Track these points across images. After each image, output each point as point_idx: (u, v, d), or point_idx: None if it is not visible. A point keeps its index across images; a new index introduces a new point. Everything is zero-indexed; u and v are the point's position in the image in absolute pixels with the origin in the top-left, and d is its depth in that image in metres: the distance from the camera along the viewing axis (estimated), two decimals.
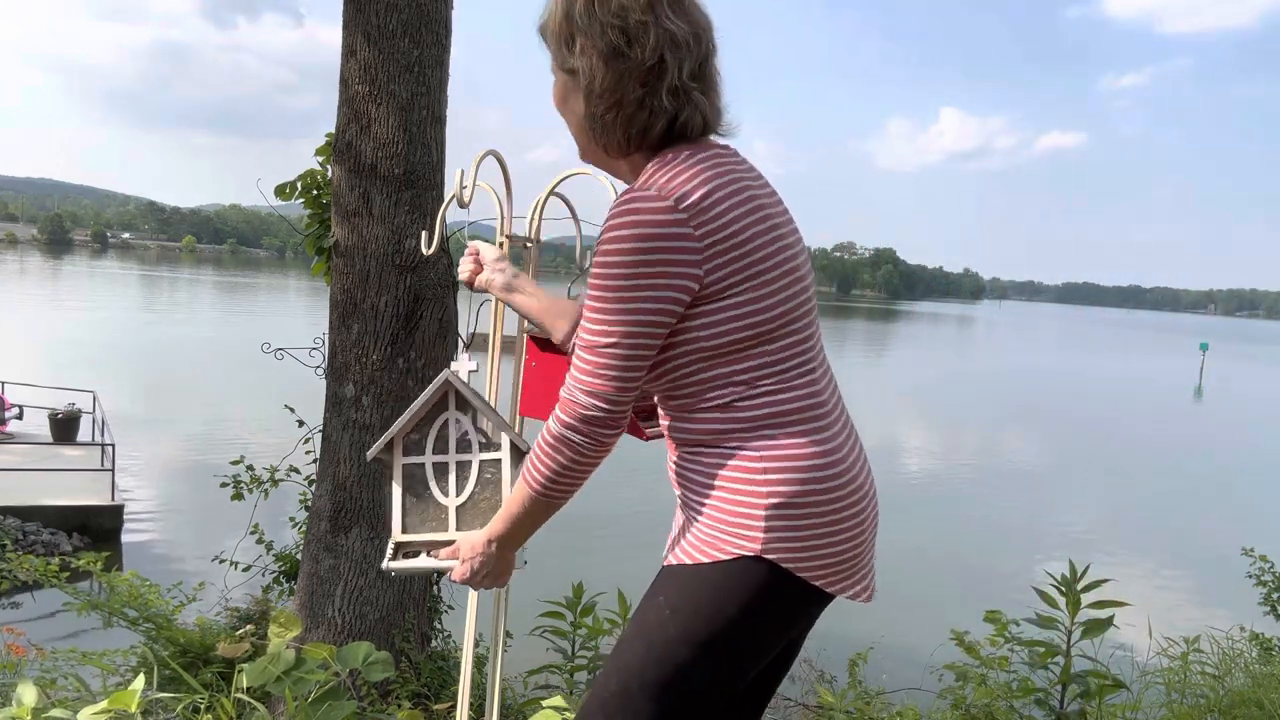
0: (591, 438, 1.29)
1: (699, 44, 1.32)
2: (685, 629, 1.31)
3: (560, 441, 1.30)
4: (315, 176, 3.62)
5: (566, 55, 1.34)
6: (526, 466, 1.35)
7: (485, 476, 1.46)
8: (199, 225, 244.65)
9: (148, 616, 3.36)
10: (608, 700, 1.36)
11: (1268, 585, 5.22)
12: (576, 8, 1.31)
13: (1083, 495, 15.83)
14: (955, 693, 3.39)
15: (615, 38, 1.29)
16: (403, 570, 1.43)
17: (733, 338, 1.29)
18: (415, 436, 1.47)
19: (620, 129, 1.33)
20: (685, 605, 1.32)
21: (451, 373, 1.43)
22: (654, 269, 1.24)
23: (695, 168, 1.28)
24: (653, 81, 1.30)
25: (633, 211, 1.24)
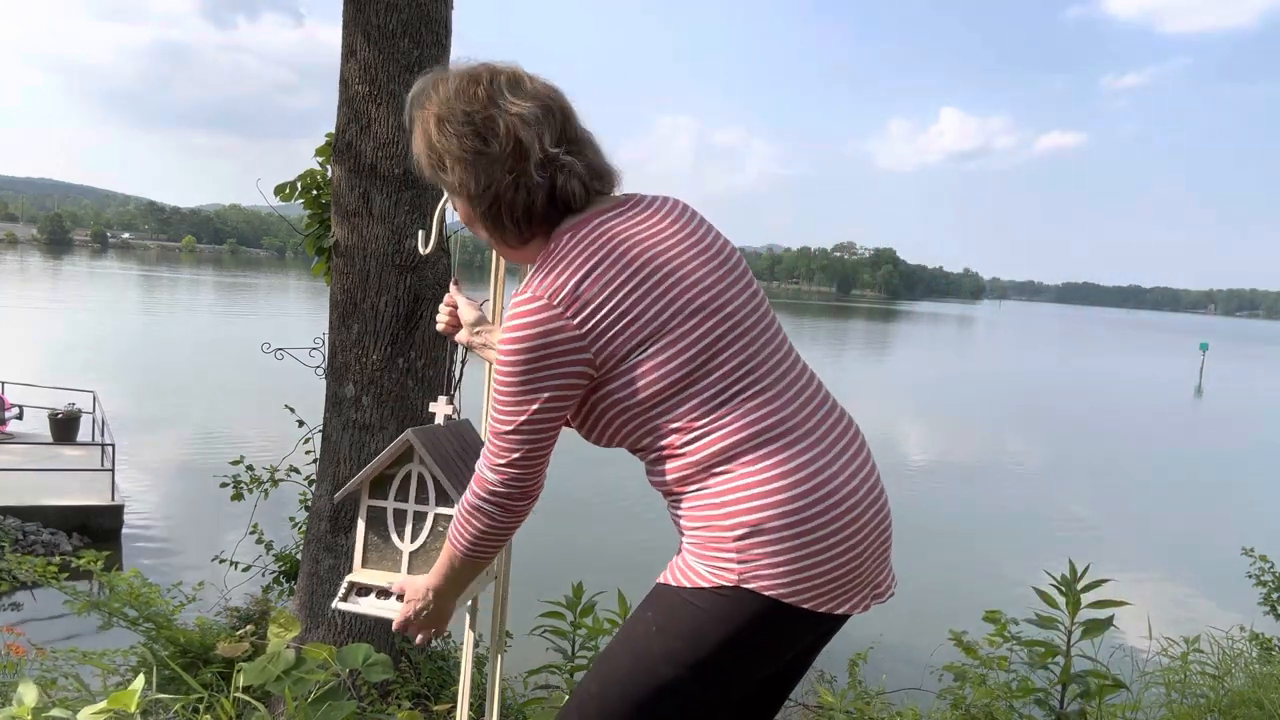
0: (503, 508, 1.40)
1: (550, 114, 1.37)
2: (669, 649, 1.34)
3: (476, 512, 1.41)
4: (315, 176, 3.62)
5: (444, 177, 1.41)
6: (451, 530, 1.45)
7: (439, 529, 1.53)
8: (199, 225, 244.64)
9: (148, 616, 3.36)
10: (586, 702, 1.41)
11: (1268, 585, 5.22)
12: (430, 134, 1.38)
13: (1083, 495, 15.83)
14: (955, 693, 3.39)
15: (472, 142, 1.35)
16: (349, 611, 1.53)
17: (651, 392, 1.33)
18: (389, 473, 1.54)
19: (507, 217, 1.39)
20: (670, 626, 1.35)
21: (414, 430, 1.48)
22: (541, 366, 1.32)
23: (570, 253, 1.34)
24: (519, 164, 1.35)
25: (515, 318, 1.33)
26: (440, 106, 1.37)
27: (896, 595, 1.45)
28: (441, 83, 1.39)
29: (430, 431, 1.52)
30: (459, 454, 1.56)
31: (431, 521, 1.52)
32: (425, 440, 1.48)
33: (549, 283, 1.33)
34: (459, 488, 1.47)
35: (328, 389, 3.20)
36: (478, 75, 1.38)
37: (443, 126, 1.37)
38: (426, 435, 1.50)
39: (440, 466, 1.46)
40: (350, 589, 1.53)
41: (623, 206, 1.42)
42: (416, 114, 1.41)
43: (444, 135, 1.37)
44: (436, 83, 1.40)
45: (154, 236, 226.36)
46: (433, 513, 1.52)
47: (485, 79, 1.37)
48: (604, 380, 1.34)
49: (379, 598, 1.52)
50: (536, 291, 1.33)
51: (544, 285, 1.33)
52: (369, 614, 1.52)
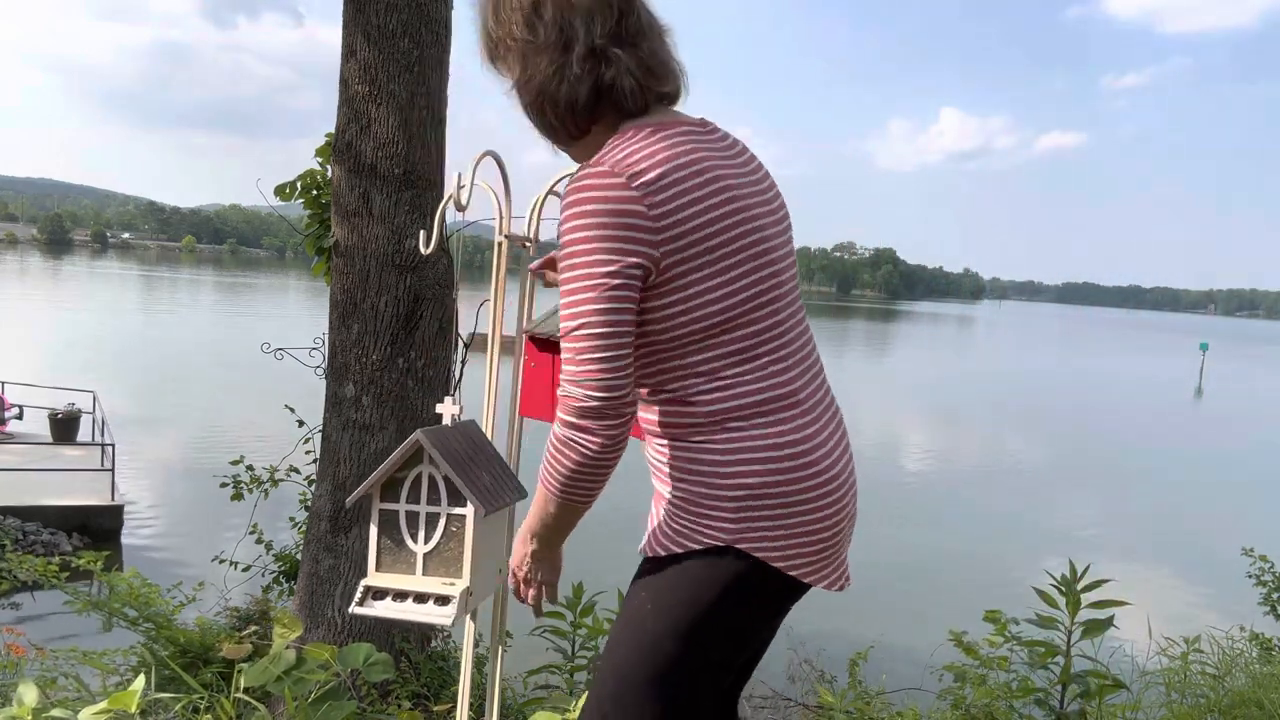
0: (593, 432, 1.23)
1: (605, 3, 1.29)
2: (667, 621, 1.31)
3: (568, 442, 1.26)
4: (315, 176, 3.62)
5: (500, 69, 1.37)
6: (541, 472, 1.32)
7: (451, 529, 1.52)
8: (199, 225, 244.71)
9: (147, 616, 3.36)
10: (604, 700, 1.36)
11: (1268, 585, 5.22)
12: (488, 23, 1.35)
13: (1083, 495, 15.83)
14: (955, 693, 3.39)
15: (521, 31, 1.30)
16: (366, 616, 1.51)
17: (691, 328, 1.26)
18: (399, 475, 1.53)
19: (551, 110, 1.32)
20: (664, 597, 1.32)
21: (423, 431, 1.47)
22: (611, 243, 1.20)
23: (653, 145, 1.25)
24: (562, 54, 1.29)
25: (586, 188, 1.22)
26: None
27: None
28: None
29: (439, 432, 1.52)
30: (469, 454, 1.56)
31: (444, 523, 1.52)
32: (435, 441, 1.48)
33: (629, 163, 1.22)
34: (472, 487, 1.47)
35: (328, 389, 3.20)
36: None
37: (498, 12, 1.34)
38: (436, 436, 1.50)
39: (452, 466, 1.46)
40: (366, 593, 1.53)
41: (696, 125, 1.34)
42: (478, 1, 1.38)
43: (497, 24, 1.34)
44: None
45: (154, 236, 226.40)
46: (445, 514, 1.51)
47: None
48: (651, 294, 1.25)
49: (395, 600, 1.51)
50: (615, 166, 1.22)
51: (620, 163, 1.23)
52: (387, 617, 1.52)
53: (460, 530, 1.50)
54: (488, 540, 1.57)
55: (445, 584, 1.50)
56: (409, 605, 1.50)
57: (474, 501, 1.46)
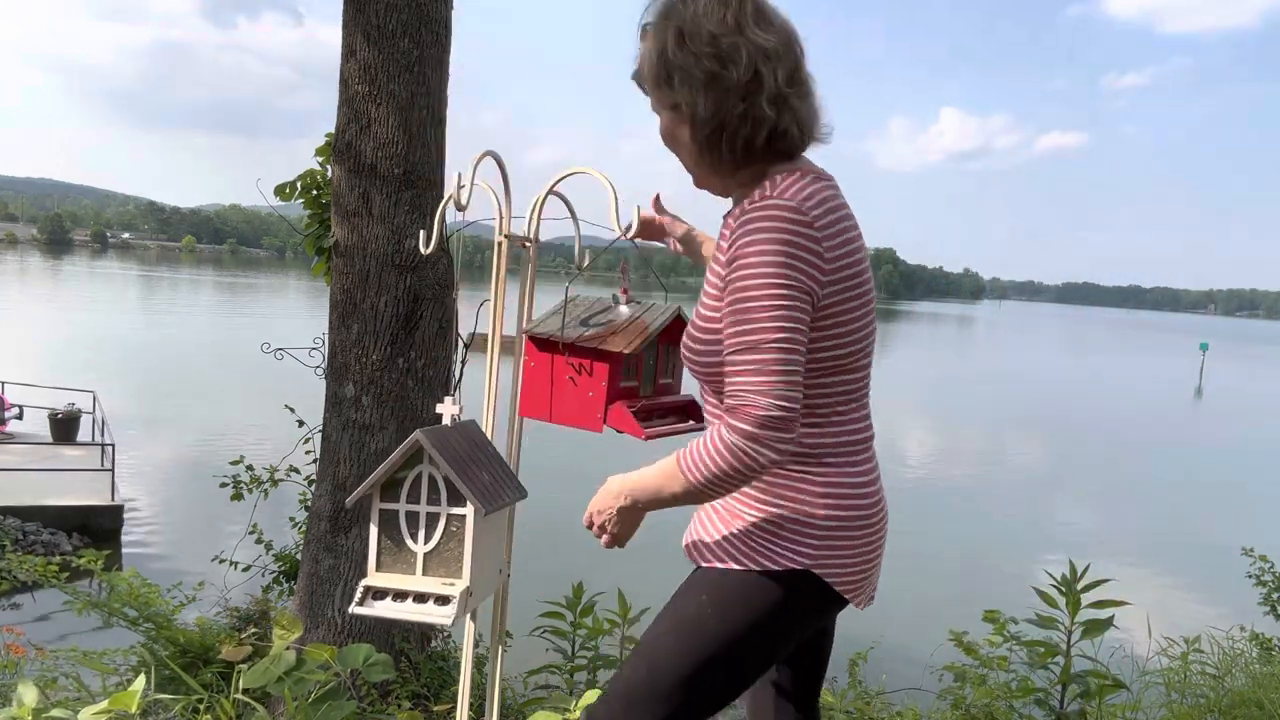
0: (768, 445, 1.26)
1: (789, 52, 1.37)
2: (726, 629, 1.40)
3: (732, 449, 1.28)
4: (315, 176, 3.62)
5: (667, 93, 1.39)
6: (690, 459, 1.33)
7: (451, 529, 1.52)
8: (199, 225, 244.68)
9: (147, 616, 3.36)
10: (635, 689, 1.44)
11: (1268, 585, 5.21)
12: (669, 48, 1.36)
13: (1083, 495, 15.83)
14: (955, 693, 3.39)
15: (710, 65, 1.34)
16: (366, 615, 1.51)
17: (818, 364, 1.36)
18: (399, 475, 1.53)
19: (727, 146, 1.37)
20: (730, 607, 1.41)
21: (423, 431, 1.47)
22: (797, 269, 1.29)
23: (815, 188, 1.34)
24: (752, 95, 1.34)
25: (774, 215, 1.29)
26: (686, 22, 1.35)
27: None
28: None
29: (439, 432, 1.52)
30: (469, 453, 1.56)
31: (444, 522, 1.52)
32: (435, 441, 1.48)
33: (803, 198, 1.32)
34: (471, 487, 1.47)
35: (328, 389, 3.20)
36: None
37: (683, 43, 1.35)
38: (436, 436, 1.50)
39: (452, 466, 1.46)
40: (366, 593, 1.53)
41: (826, 174, 1.43)
42: (658, 23, 1.39)
43: (683, 52, 1.35)
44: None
45: (154, 236, 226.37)
46: (445, 513, 1.51)
47: (734, 4, 1.35)
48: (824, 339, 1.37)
49: (395, 600, 1.52)
50: (794, 199, 1.31)
51: (799, 196, 1.32)
52: (387, 617, 1.52)
53: (460, 530, 1.50)
54: (488, 540, 1.57)
55: (445, 584, 1.50)
56: (409, 605, 1.50)
57: (474, 501, 1.46)
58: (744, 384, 1.28)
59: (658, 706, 1.42)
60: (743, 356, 1.28)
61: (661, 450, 1.44)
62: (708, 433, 1.33)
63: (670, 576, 1.58)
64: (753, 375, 1.27)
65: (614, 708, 1.46)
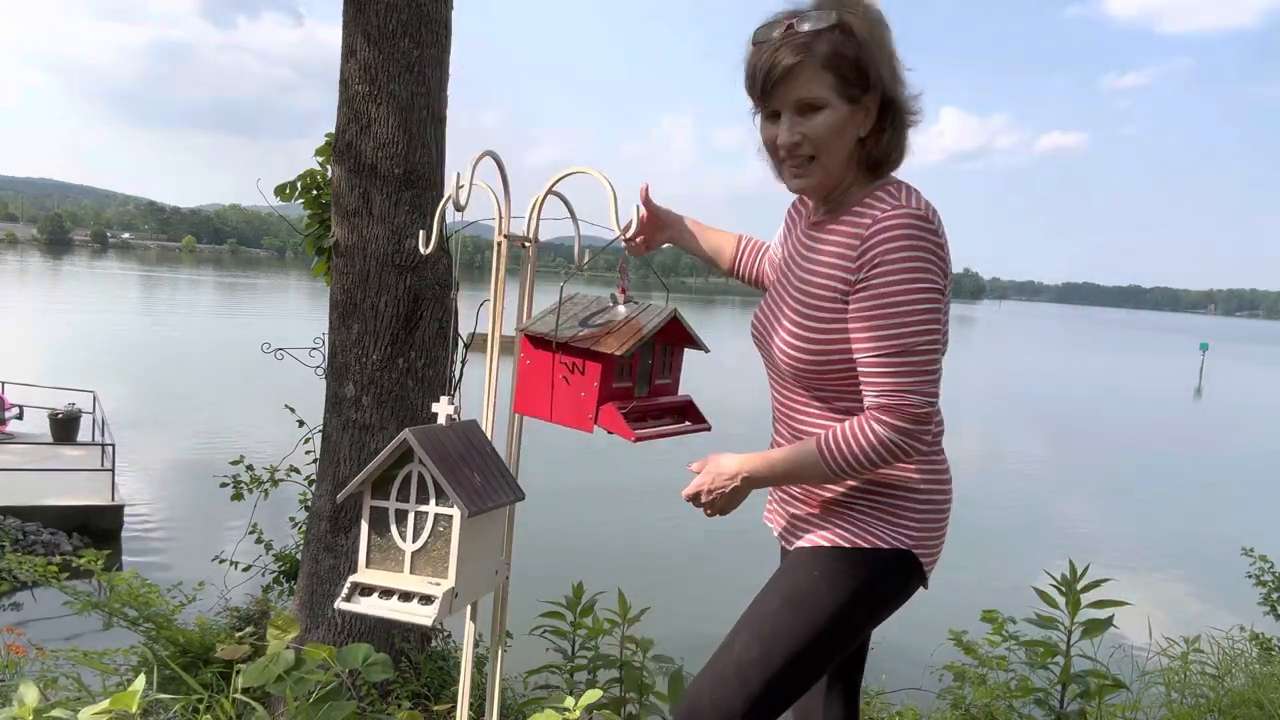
0: (919, 439, 1.43)
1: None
2: (837, 602, 1.51)
3: (887, 445, 1.42)
4: (315, 176, 3.61)
5: (856, 85, 1.45)
6: (836, 448, 1.45)
7: (438, 529, 1.52)
8: (199, 225, 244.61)
9: (148, 616, 3.36)
10: (747, 664, 1.51)
11: (1268, 585, 5.22)
12: (869, 41, 1.43)
13: (1083, 495, 15.83)
14: (955, 693, 3.39)
15: (898, 66, 1.47)
16: (351, 611, 1.52)
17: None
18: (391, 473, 1.54)
19: (889, 143, 1.49)
20: (841, 582, 1.52)
21: (412, 430, 1.47)
22: (938, 277, 1.41)
23: (926, 198, 1.47)
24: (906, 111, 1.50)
25: (913, 224, 1.40)
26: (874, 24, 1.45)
27: None
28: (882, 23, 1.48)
29: (430, 431, 1.52)
30: (462, 454, 1.56)
31: (432, 521, 1.52)
32: (423, 439, 1.48)
33: (927, 206, 1.44)
34: (458, 487, 1.47)
35: (328, 389, 3.20)
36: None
37: (880, 42, 1.46)
38: (425, 435, 1.50)
39: (439, 465, 1.46)
40: (354, 589, 1.53)
41: None
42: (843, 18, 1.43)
43: (879, 49, 1.45)
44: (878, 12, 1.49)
45: (154, 236, 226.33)
46: (433, 512, 1.52)
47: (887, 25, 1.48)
48: None
49: (381, 598, 1.52)
50: (922, 209, 1.43)
51: (925, 206, 1.44)
52: (370, 614, 1.52)
53: (448, 530, 1.50)
54: (479, 541, 1.57)
55: (431, 583, 1.50)
56: (394, 603, 1.51)
57: (457, 501, 1.46)
58: (900, 384, 1.41)
59: (771, 680, 1.50)
60: (896, 358, 1.41)
61: (652, 451, 1.45)
62: (853, 425, 1.44)
63: (670, 576, 1.58)
64: (908, 376, 1.41)
65: (728, 686, 1.51)
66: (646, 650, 3.05)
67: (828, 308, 1.49)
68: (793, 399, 1.62)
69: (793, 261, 1.63)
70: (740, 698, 1.50)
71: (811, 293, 1.52)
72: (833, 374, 1.52)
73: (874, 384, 1.43)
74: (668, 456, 1.62)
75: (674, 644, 3.40)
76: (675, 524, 10.55)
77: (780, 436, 1.67)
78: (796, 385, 1.60)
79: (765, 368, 1.71)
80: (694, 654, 4.16)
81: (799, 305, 1.55)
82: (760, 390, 1.77)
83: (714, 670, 1.55)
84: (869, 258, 1.42)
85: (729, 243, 1.96)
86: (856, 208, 1.49)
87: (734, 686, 1.51)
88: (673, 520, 10.81)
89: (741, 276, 1.96)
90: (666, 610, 4.70)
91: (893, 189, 1.48)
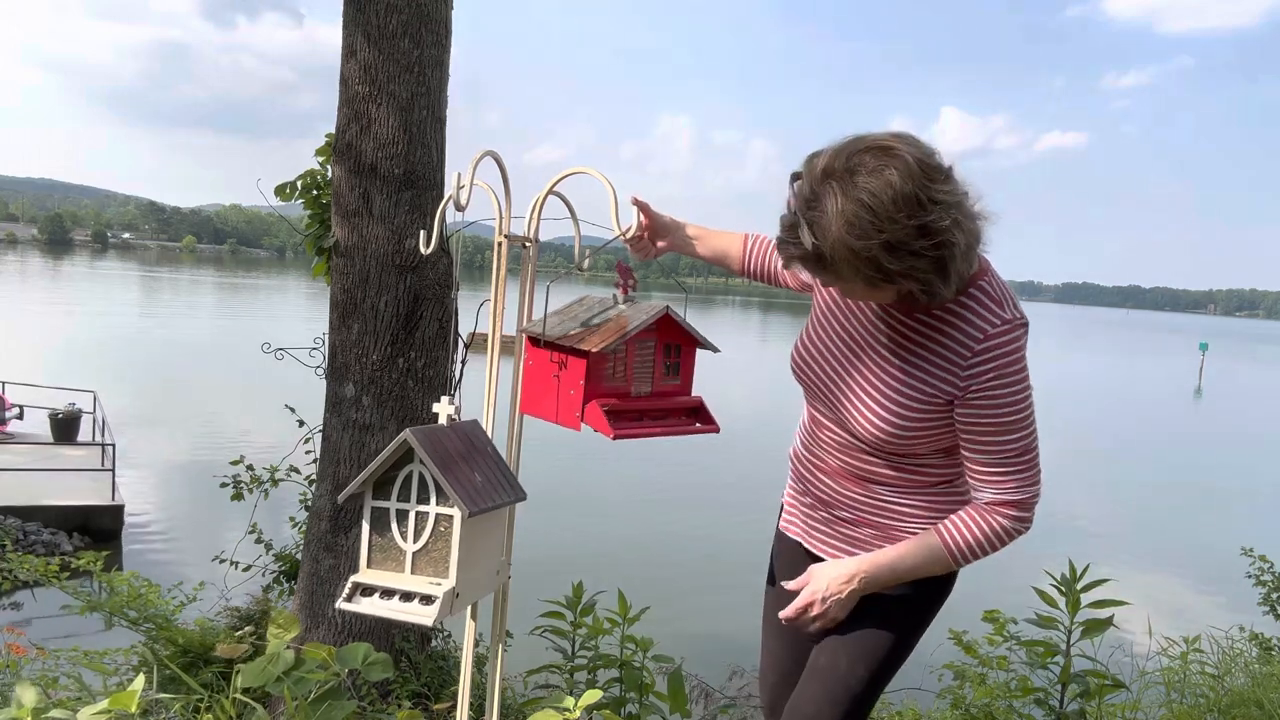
0: (1030, 524, 1.59)
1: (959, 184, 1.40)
2: (915, 614, 1.72)
3: (1012, 534, 1.58)
4: (315, 176, 3.61)
5: (890, 288, 1.43)
6: (958, 540, 1.60)
7: (439, 529, 1.52)
8: (199, 225, 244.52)
9: (148, 616, 3.36)
10: (854, 684, 1.68)
11: (1267, 585, 5.21)
12: (882, 261, 1.35)
13: (1082, 495, 15.82)
14: (955, 692, 3.39)
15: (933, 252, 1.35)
16: (352, 611, 1.52)
17: None
18: (392, 474, 1.54)
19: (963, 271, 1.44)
20: (915, 597, 1.69)
21: (412, 430, 1.47)
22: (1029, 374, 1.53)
23: (1005, 282, 1.56)
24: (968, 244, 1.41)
25: (1017, 337, 1.50)
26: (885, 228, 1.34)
27: None
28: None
29: (430, 431, 1.52)
30: (463, 454, 1.56)
31: (433, 521, 1.52)
32: (424, 439, 1.48)
33: (1017, 304, 1.54)
34: (458, 487, 1.47)
35: (328, 389, 3.20)
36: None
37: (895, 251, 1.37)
38: (426, 435, 1.50)
39: (439, 465, 1.46)
40: (354, 589, 1.53)
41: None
42: (847, 240, 1.35)
43: (897, 258, 1.37)
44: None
45: (154, 236, 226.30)
46: (434, 512, 1.52)
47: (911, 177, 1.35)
48: None
49: (382, 598, 1.52)
50: (1020, 314, 1.53)
51: (1017, 307, 1.53)
52: (371, 614, 1.52)
53: (448, 530, 1.50)
54: (480, 541, 1.57)
55: (432, 583, 1.50)
56: (394, 603, 1.50)
57: (457, 501, 1.46)
58: (1024, 480, 1.55)
59: (874, 692, 1.70)
60: (1018, 459, 1.54)
61: (652, 451, 1.45)
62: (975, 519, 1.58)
63: (668, 577, 1.59)
64: (1028, 471, 1.55)
65: (841, 705, 1.69)
66: (646, 650, 3.05)
67: (924, 401, 1.55)
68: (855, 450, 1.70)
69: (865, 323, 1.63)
70: (852, 713, 1.70)
71: (909, 383, 1.55)
72: (910, 448, 1.62)
73: (997, 482, 1.55)
74: (668, 457, 1.62)
75: (674, 644, 3.40)
76: (676, 524, 10.56)
77: (822, 467, 1.76)
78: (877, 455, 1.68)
79: (809, 401, 1.77)
80: (694, 654, 4.16)
81: (888, 388, 1.58)
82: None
83: (825, 692, 1.70)
84: (985, 371, 1.49)
85: (734, 243, 1.95)
86: (954, 308, 1.51)
87: (846, 705, 1.69)
88: (673, 520, 10.82)
89: (753, 275, 1.96)
90: (666, 610, 4.70)
91: (989, 288, 1.51)
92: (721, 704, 3.70)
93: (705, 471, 12.72)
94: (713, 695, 3.79)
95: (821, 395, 1.71)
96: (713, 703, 3.72)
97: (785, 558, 1.93)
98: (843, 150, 1.36)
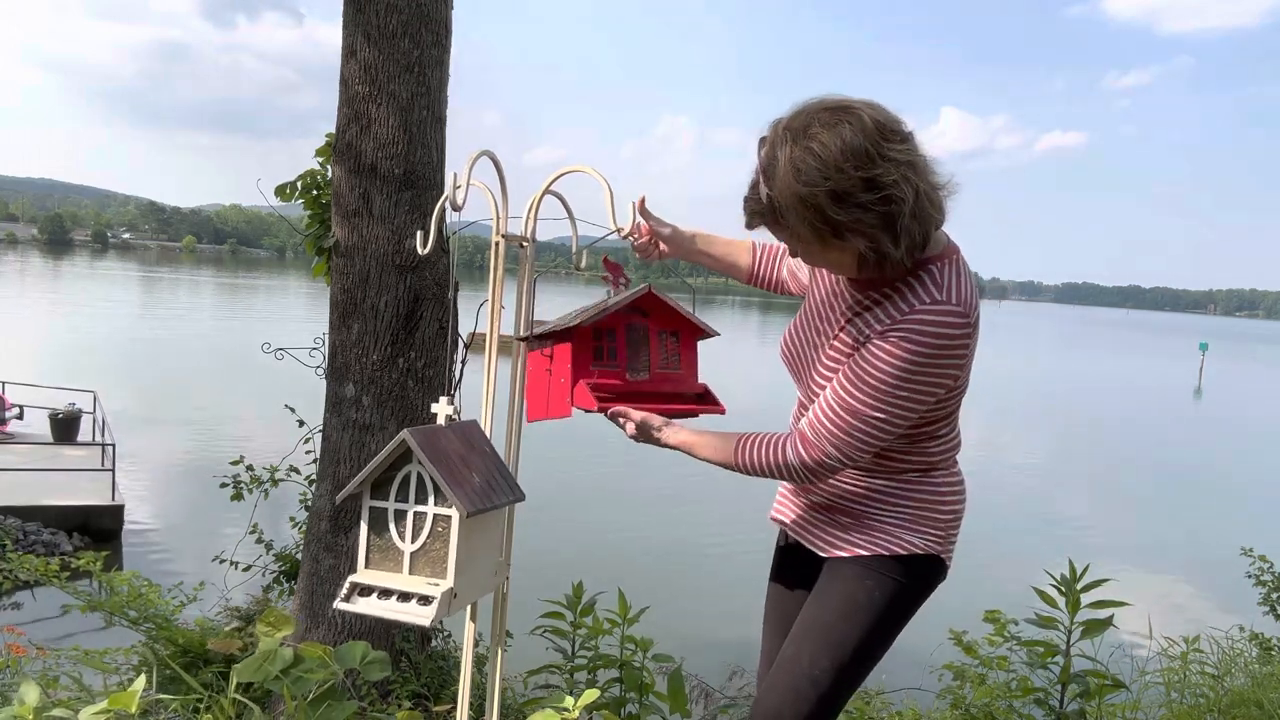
0: (810, 478, 1.59)
1: (917, 148, 1.42)
2: (887, 606, 1.65)
3: (785, 467, 1.58)
4: (315, 176, 3.61)
5: (835, 244, 1.43)
6: (743, 447, 1.61)
7: (437, 529, 1.53)
8: (199, 225, 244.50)
9: (148, 616, 3.36)
10: (819, 676, 1.64)
11: (1267, 585, 5.21)
12: (827, 210, 1.38)
13: (1082, 495, 15.83)
14: (955, 692, 3.39)
15: (879, 207, 1.37)
16: (350, 611, 1.53)
17: (951, 405, 1.62)
18: (390, 474, 1.54)
19: (903, 258, 1.43)
20: (888, 587, 1.65)
21: (410, 431, 1.47)
22: (933, 373, 1.48)
23: (968, 279, 1.52)
24: (917, 208, 1.40)
25: (938, 323, 1.45)
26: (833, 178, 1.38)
27: None
28: None
29: (428, 431, 1.52)
30: (461, 454, 1.56)
31: (431, 521, 1.52)
32: (422, 440, 1.48)
33: (966, 296, 1.48)
34: (456, 488, 1.47)
35: (328, 389, 3.20)
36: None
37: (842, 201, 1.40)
38: (423, 435, 1.50)
39: (437, 466, 1.46)
40: (352, 589, 1.53)
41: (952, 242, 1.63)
42: (796, 187, 1.38)
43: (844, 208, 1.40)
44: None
45: (154, 236, 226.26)
46: (432, 512, 1.52)
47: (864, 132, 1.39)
48: (955, 391, 1.57)
49: (380, 598, 1.52)
50: (960, 299, 1.47)
51: (964, 296, 1.48)
52: (369, 614, 1.52)
53: (446, 531, 1.50)
54: (478, 541, 1.57)
55: (430, 584, 1.50)
56: (392, 603, 1.51)
57: (456, 502, 1.46)
58: (833, 432, 1.55)
59: (841, 685, 1.65)
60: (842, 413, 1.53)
61: (653, 451, 1.45)
62: (774, 440, 1.59)
63: (668, 577, 1.60)
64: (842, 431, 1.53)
65: (805, 697, 1.64)
66: (646, 650, 3.05)
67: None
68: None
69: (831, 303, 1.66)
70: (817, 707, 1.64)
71: (850, 357, 1.57)
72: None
73: (813, 420, 1.56)
74: (668, 457, 1.62)
75: (674, 644, 3.40)
76: (676, 524, 10.56)
77: None
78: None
79: (797, 388, 1.77)
80: (694, 654, 4.16)
81: (835, 364, 1.60)
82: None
83: (788, 684, 1.66)
84: (890, 333, 1.47)
85: (742, 251, 1.96)
86: (900, 285, 1.51)
87: (811, 697, 1.64)
88: (673, 520, 10.82)
89: (761, 283, 1.97)
90: (666, 610, 4.70)
91: (937, 273, 1.49)
92: (721, 704, 3.70)
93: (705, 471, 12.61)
94: (713, 695, 3.79)
95: (798, 377, 1.74)
96: (713, 703, 3.72)
97: (781, 556, 1.94)
98: (804, 109, 1.42)
